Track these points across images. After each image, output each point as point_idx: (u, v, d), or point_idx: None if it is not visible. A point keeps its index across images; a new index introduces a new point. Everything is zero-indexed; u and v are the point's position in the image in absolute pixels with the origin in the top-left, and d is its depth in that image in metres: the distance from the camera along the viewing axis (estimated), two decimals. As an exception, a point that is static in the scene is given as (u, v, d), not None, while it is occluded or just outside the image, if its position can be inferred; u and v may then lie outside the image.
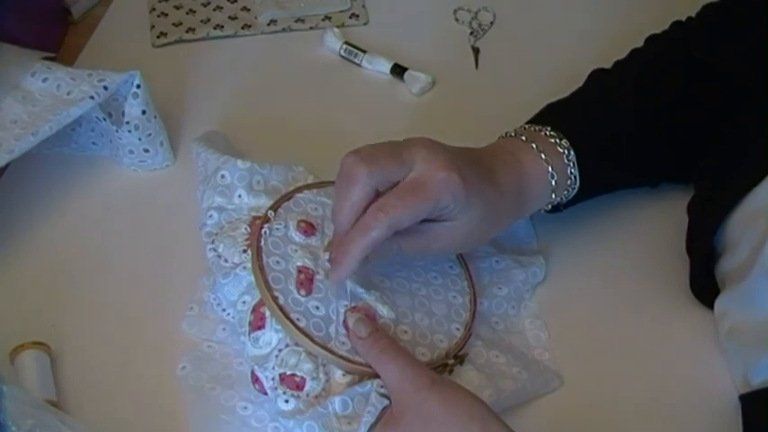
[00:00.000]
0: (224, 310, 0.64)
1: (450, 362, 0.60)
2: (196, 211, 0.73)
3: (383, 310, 0.60)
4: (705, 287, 0.67)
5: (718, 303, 0.66)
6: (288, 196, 0.66)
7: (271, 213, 0.63)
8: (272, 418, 0.60)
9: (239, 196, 0.67)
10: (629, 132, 0.69)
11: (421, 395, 0.53)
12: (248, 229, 0.64)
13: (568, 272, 0.70)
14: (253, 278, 0.60)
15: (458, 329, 0.62)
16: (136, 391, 0.62)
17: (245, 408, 0.60)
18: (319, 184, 0.68)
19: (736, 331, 0.64)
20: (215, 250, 0.64)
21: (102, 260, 0.70)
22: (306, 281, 0.60)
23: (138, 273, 0.69)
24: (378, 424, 0.54)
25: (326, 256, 0.61)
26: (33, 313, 0.66)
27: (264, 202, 0.66)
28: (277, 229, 0.63)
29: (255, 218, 0.65)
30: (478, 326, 0.64)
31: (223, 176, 0.67)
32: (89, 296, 0.67)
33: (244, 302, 0.61)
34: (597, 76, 0.73)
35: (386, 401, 0.55)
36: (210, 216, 0.66)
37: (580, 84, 0.73)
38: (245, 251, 0.63)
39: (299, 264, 0.61)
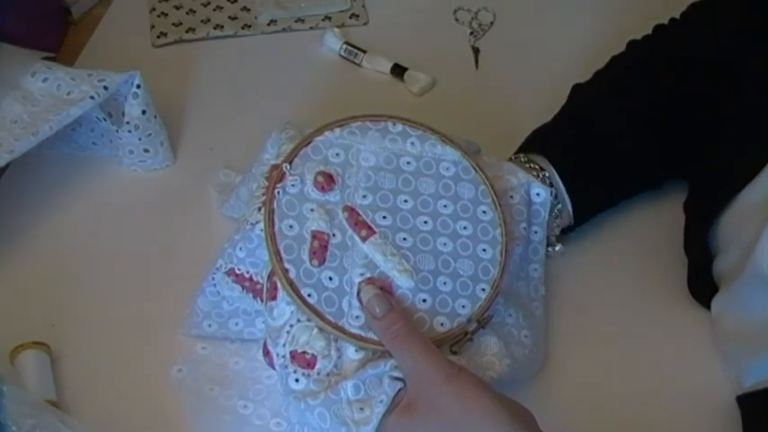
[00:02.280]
0: (256, 274, 0.61)
1: (472, 327, 0.58)
2: (196, 211, 0.73)
3: (401, 280, 0.58)
4: (702, 287, 0.67)
5: (713, 304, 0.66)
6: (306, 141, 0.62)
7: (286, 167, 0.60)
8: (274, 414, 0.59)
9: (271, 146, 0.65)
10: (611, 138, 0.69)
11: (435, 389, 0.52)
12: (264, 182, 0.61)
13: (566, 272, 0.70)
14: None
15: (483, 290, 0.59)
16: (136, 390, 0.62)
17: (246, 407, 0.60)
18: (341, 122, 0.64)
19: (730, 332, 0.64)
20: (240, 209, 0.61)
21: (102, 260, 0.70)
22: (319, 249, 0.58)
23: (138, 272, 0.69)
24: (394, 411, 0.53)
25: (344, 214, 0.59)
26: (33, 313, 0.66)
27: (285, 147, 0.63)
28: (292, 185, 0.60)
29: (273, 167, 0.61)
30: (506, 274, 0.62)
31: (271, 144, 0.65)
32: (89, 296, 0.67)
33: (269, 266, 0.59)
34: (578, 90, 0.73)
35: (398, 385, 0.54)
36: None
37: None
38: (259, 209, 0.60)
39: (314, 228, 0.58)
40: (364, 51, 0.86)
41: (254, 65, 0.86)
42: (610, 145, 0.69)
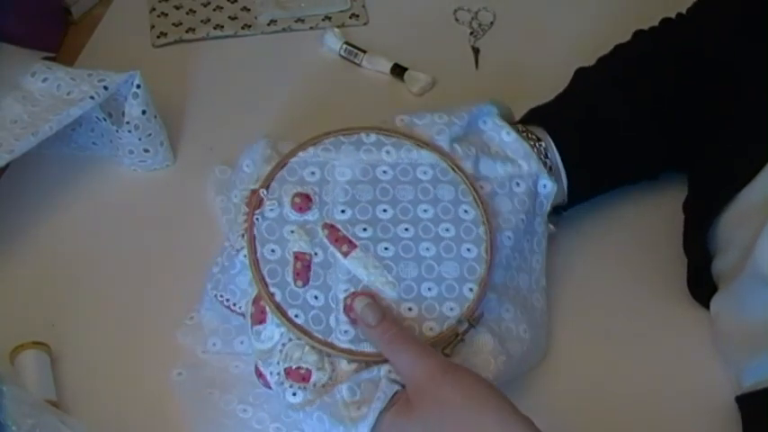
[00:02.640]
0: (234, 304, 0.62)
1: (463, 328, 0.58)
2: (196, 211, 0.73)
3: (384, 291, 0.59)
4: (701, 287, 0.67)
5: (712, 304, 0.66)
6: (282, 163, 0.63)
7: (263, 192, 0.61)
8: (273, 418, 0.59)
9: (246, 166, 0.66)
10: (613, 124, 0.69)
11: (434, 383, 0.52)
12: (245, 208, 0.62)
13: (565, 270, 0.70)
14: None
15: (471, 290, 0.59)
16: (136, 390, 0.62)
17: (245, 410, 0.60)
18: (315, 140, 0.64)
19: (729, 332, 0.64)
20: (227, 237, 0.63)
21: (102, 260, 0.70)
22: (302, 269, 0.59)
23: (138, 272, 0.69)
24: (391, 410, 0.53)
25: (324, 232, 0.60)
26: (33, 313, 0.66)
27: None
28: (271, 210, 0.60)
29: (252, 192, 0.62)
30: (495, 268, 0.62)
31: (247, 165, 0.67)
32: (89, 296, 0.67)
33: (249, 293, 0.59)
34: (581, 74, 0.73)
35: (396, 387, 0.54)
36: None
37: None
38: (243, 236, 0.61)
39: (295, 249, 0.59)
40: (364, 51, 0.86)
41: (254, 65, 0.86)
42: (611, 132, 0.69)
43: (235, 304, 0.62)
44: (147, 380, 0.63)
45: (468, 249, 0.61)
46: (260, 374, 0.59)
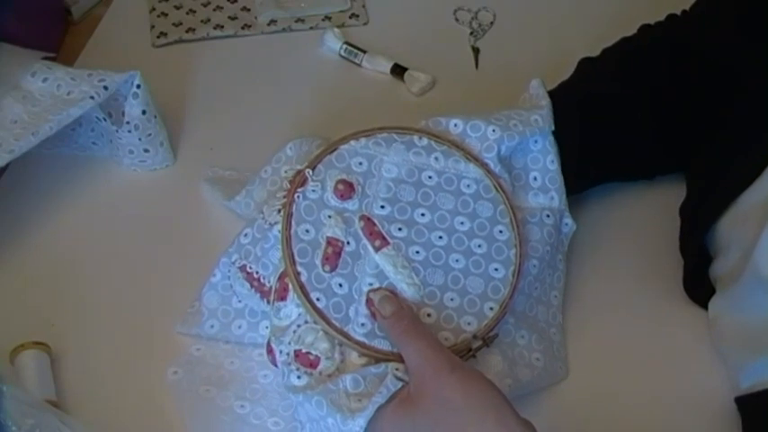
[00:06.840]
0: (264, 277, 0.62)
1: (477, 345, 0.59)
2: (196, 211, 0.73)
3: (407, 292, 0.59)
4: (698, 288, 0.67)
5: (711, 305, 0.66)
6: (331, 148, 0.63)
7: (309, 173, 0.62)
8: (271, 413, 0.60)
9: (290, 149, 0.67)
10: (610, 114, 0.69)
11: (440, 379, 0.52)
12: (287, 184, 0.62)
13: (565, 272, 0.70)
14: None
15: (491, 309, 0.60)
16: (136, 390, 0.62)
17: (243, 406, 0.60)
18: (368, 132, 0.65)
19: (727, 334, 0.64)
20: (260, 210, 0.63)
21: (101, 260, 0.70)
22: (332, 255, 0.59)
23: (137, 272, 0.69)
24: (393, 401, 0.54)
25: (360, 223, 0.60)
26: (33, 313, 0.66)
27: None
28: (313, 191, 0.61)
29: (297, 171, 0.63)
30: (518, 294, 0.62)
31: (290, 148, 0.68)
32: (89, 296, 0.67)
33: (279, 269, 0.60)
34: (585, 64, 0.74)
35: (400, 384, 0.54)
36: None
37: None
38: (279, 211, 0.61)
39: (329, 234, 0.60)
40: (364, 51, 0.86)
41: (254, 65, 0.86)
42: (607, 121, 0.69)
43: (264, 277, 0.62)
44: (147, 379, 0.63)
45: (496, 269, 0.61)
46: (270, 350, 0.59)
